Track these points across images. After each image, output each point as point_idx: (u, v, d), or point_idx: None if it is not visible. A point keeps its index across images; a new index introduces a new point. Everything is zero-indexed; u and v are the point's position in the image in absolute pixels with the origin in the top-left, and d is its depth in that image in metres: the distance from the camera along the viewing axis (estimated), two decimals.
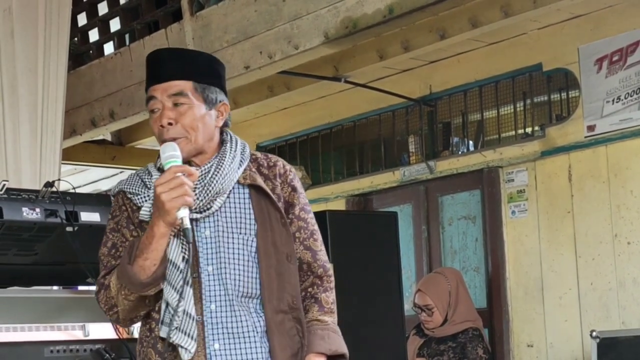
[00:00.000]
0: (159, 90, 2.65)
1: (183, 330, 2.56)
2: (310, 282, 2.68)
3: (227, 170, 2.63)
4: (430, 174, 6.55)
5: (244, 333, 2.62)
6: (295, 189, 2.71)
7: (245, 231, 2.64)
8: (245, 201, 2.66)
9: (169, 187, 2.49)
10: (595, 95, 5.66)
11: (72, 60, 6.96)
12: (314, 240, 2.72)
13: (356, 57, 6.34)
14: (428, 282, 5.79)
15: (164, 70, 2.68)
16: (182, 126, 2.62)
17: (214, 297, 2.61)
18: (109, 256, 2.69)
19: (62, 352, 3.56)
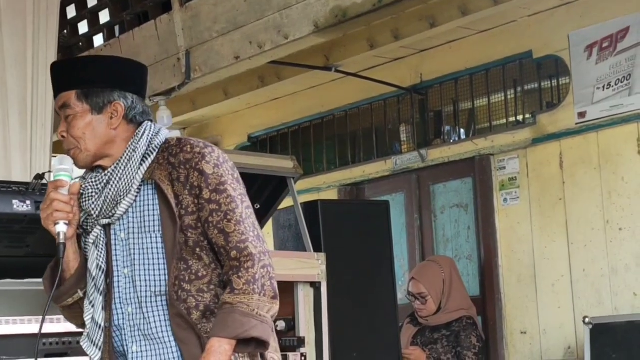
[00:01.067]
0: (57, 103, 2.66)
1: (91, 339, 2.61)
2: (228, 267, 2.54)
3: (122, 173, 2.59)
4: (422, 163, 6.55)
5: (157, 334, 2.58)
6: (202, 172, 2.56)
7: (152, 229, 2.59)
8: (150, 198, 2.61)
9: (44, 204, 2.57)
10: (585, 82, 5.67)
11: (61, 53, 6.93)
12: (227, 222, 2.54)
13: (346, 47, 6.34)
14: (422, 270, 5.79)
15: (55, 85, 2.69)
16: (71, 137, 2.62)
17: (131, 299, 2.60)
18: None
19: (55, 344, 3.56)
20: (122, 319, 2.60)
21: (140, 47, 6.38)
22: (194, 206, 2.55)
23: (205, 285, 2.55)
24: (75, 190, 2.59)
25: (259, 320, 2.48)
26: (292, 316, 4.68)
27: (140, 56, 6.30)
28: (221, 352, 2.45)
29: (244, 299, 2.47)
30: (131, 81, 2.69)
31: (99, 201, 2.59)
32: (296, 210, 5.03)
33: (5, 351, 3.41)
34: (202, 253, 2.56)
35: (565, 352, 5.71)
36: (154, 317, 2.57)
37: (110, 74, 2.66)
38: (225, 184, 2.56)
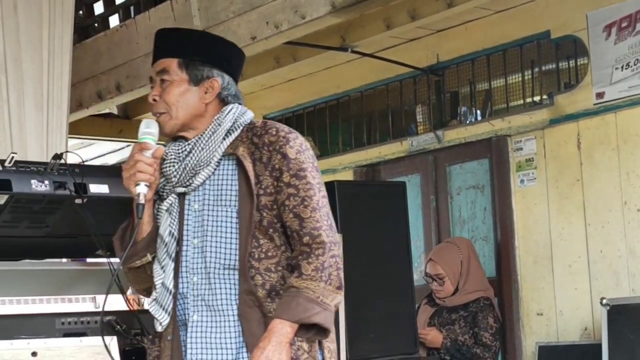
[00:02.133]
0: (153, 69, 2.74)
1: (159, 303, 2.66)
2: (298, 251, 2.59)
3: (205, 144, 2.66)
4: (438, 144, 6.54)
5: (221, 306, 2.62)
6: (285, 155, 2.61)
7: (227, 202, 2.64)
8: (230, 172, 2.67)
9: (127, 164, 2.62)
10: (604, 62, 5.63)
11: (77, 34, 6.93)
12: (303, 208, 2.59)
13: (363, 27, 6.31)
14: (440, 251, 5.79)
15: (156, 50, 2.77)
16: (164, 102, 2.69)
17: (197, 269, 2.65)
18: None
19: (73, 324, 3.56)
20: (186, 288, 2.65)
21: (156, 27, 6.28)
22: (273, 188, 2.61)
23: (273, 265, 2.60)
24: (159, 154, 2.67)
25: (322, 308, 2.53)
26: None
27: None
28: (283, 333, 2.50)
29: (311, 284, 2.53)
30: (230, 63, 2.76)
31: (179, 168, 2.66)
32: None
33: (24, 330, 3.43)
34: (274, 234, 2.61)
35: (582, 333, 5.70)
36: (220, 289, 2.62)
37: (213, 51, 2.74)
38: (305, 171, 2.63)
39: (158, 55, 2.74)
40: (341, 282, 2.60)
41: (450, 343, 5.50)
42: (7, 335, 3.37)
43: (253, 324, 2.58)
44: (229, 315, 2.61)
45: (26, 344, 3.34)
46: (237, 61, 2.82)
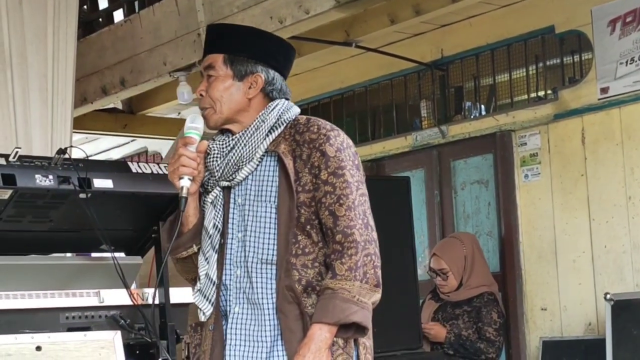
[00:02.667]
0: (204, 61, 2.78)
1: (203, 293, 2.70)
2: (331, 250, 2.61)
3: (248, 140, 2.68)
4: (443, 139, 6.53)
5: (259, 300, 2.67)
6: (324, 153, 2.63)
7: (268, 198, 2.68)
8: (272, 169, 2.70)
9: (172, 158, 2.66)
10: (608, 57, 5.62)
11: (82, 29, 6.93)
12: (339, 206, 2.61)
13: (367, 22, 6.31)
14: (444, 246, 5.79)
15: (205, 46, 2.82)
16: (209, 97, 2.73)
17: (241, 262, 2.70)
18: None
19: (77, 319, 3.57)
20: (230, 280, 2.71)
21: (160, 22, 6.37)
22: (311, 185, 2.64)
23: (310, 261, 2.63)
24: (202, 148, 2.70)
25: (359, 307, 2.57)
26: None
27: (160, 31, 6.30)
28: (322, 339, 2.54)
29: (346, 284, 2.55)
30: (275, 58, 2.79)
31: (222, 163, 2.71)
32: None
33: (28, 325, 3.43)
34: (311, 231, 2.64)
35: (586, 328, 5.70)
36: (258, 283, 2.67)
37: (258, 46, 2.77)
38: (344, 169, 2.64)
39: (206, 51, 2.79)
40: (379, 280, 2.64)
41: (454, 338, 5.51)
42: (11, 330, 3.37)
43: (291, 319, 2.61)
44: (266, 309, 2.66)
45: (30, 339, 3.35)
46: (285, 56, 2.84)
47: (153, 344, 3.66)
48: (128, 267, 3.75)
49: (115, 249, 3.72)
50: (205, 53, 2.79)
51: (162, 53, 6.35)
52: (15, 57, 5.82)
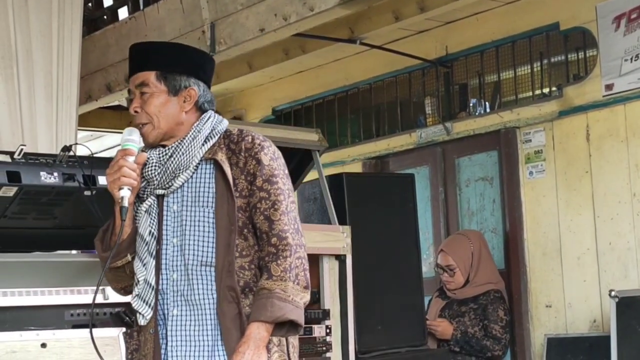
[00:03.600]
0: (130, 81, 2.87)
1: (142, 298, 2.78)
2: (266, 252, 2.75)
3: (186, 149, 2.80)
4: (447, 136, 6.53)
5: (199, 301, 2.76)
6: (259, 161, 2.78)
7: (205, 203, 2.78)
8: (208, 176, 2.81)
9: (111, 169, 2.74)
10: (613, 54, 5.61)
11: (86, 26, 6.93)
12: (274, 211, 2.76)
13: (372, 19, 6.30)
14: (451, 242, 5.80)
15: (133, 64, 2.90)
16: (146, 113, 2.82)
17: (177, 266, 2.78)
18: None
19: (82, 316, 3.58)
20: (166, 284, 2.79)
21: (164, 19, 6.36)
22: (247, 191, 2.78)
23: (247, 263, 2.77)
24: (141, 160, 2.79)
25: (294, 306, 2.70)
26: (317, 289, 4.69)
27: (164, 29, 6.30)
28: (260, 337, 2.66)
29: (281, 285, 2.69)
30: (203, 71, 2.92)
31: (160, 172, 2.81)
32: (321, 183, 5.02)
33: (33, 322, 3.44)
34: (248, 234, 2.78)
35: (591, 325, 5.69)
36: (198, 285, 2.77)
37: (188, 61, 2.89)
38: (277, 177, 2.80)
39: (135, 69, 2.87)
40: (307, 282, 2.77)
41: (460, 335, 5.51)
42: (16, 327, 3.38)
43: (229, 318, 2.73)
44: (206, 310, 2.76)
45: (35, 335, 3.36)
46: (210, 68, 2.98)
47: None
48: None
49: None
50: (134, 70, 2.86)
51: None
52: (20, 52, 5.82)
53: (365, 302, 5.01)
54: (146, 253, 2.78)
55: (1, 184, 3.39)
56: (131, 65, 2.89)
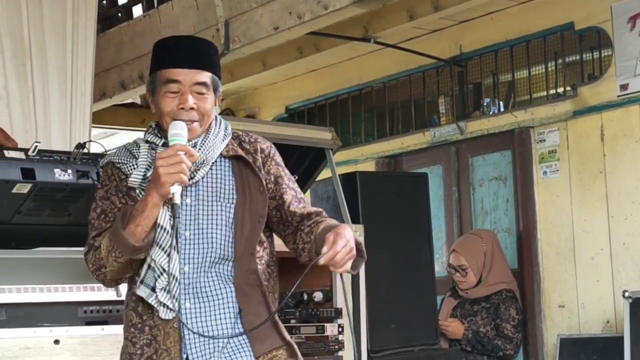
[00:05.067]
0: (183, 74, 2.80)
1: (169, 291, 2.72)
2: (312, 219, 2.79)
3: (212, 143, 2.81)
4: (461, 135, 6.52)
5: (214, 293, 2.77)
6: (278, 164, 2.88)
7: (225, 199, 2.80)
8: (226, 172, 2.83)
9: (168, 162, 2.66)
10: (628, 54, 5.60)
11: (100, 24, 6.94)
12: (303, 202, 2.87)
13: (386, 18, 6.30)
14: (463, 242, 5.79)
15: (190, 58, 2.84)
16: (200, 112, 2.80)
17: (189, 259, 2.76)
18: (99, 220, 2.82)
19: (95, 312, 3.59)
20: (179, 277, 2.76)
21: (179, 17, 6.38)
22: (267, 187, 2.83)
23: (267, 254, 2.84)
24: (194, 160, 2.74)
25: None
26: (330, 287, 4.69)
27: (179, 27, 6.31)
28: (347, 227, 2.67)
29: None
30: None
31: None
32: (334, 181, 5.02)
33: (47, 318, 3.45)
34: (265, 228, 2.83)
35: (604, 326, 5.68)
36: (214, 277, 2.77)
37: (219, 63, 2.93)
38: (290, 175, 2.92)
39: (192, 65, 2.81)
40: None
41: (472, 335, 5.50)
42: (30, 323, 3.39)
43: (253, 303, 2.76)
44: (222, 299, 2.76)
45: (49, 332, 3.37)
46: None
47: None
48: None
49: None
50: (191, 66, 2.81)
51: None
52: (35, 49, 5.83)
53: (377, 301, 5.01)
54: (168, 245, 2.73)
55: (16, 181, 3.40)
56: (185, 58, 2.83)
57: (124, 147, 2.89)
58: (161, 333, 2.75)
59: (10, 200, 3.46)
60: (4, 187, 3.39)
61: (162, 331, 2.75)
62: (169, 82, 2.79)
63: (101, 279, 2.80)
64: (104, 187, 2.85)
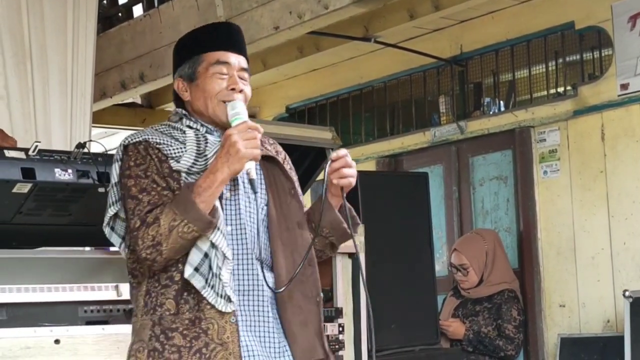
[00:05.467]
0: (233, 58, 2.78)
1: (229, 285, 2.62)
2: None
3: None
4: (461, 135, 6.52)
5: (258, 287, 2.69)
6: (292, 167, 2.88)
7: (258, 198, 2.74)
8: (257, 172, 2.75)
9: (245, 137, 2.59)
10: (628, 53, 5.60)
11: (101, 23, 6.95)
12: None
13: (386, 17, 6.30)
14: (465, 242, 5.79)
15: (238, 44, 2.83)
16: (245, 97, 2.77)
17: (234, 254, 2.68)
18: (147, 195, 2.65)
19: (95, 312, 3.58)
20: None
21: (179, 17, 6.38)
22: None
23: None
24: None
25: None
26: (330, 287, 4.68)
27: (179, 26, 6.31)
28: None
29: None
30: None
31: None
32: None
33: (47, 318, 3.45)
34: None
35: (605, 325, 5.68)
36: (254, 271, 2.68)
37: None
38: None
39: (239, 51, 2.81)
40: None
41: (473, 335, 5.50)
42: (30, 323, 3.39)
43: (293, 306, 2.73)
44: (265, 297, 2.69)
45: (49, 332, 3.37)
46: None
47: None
48: None
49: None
50: (239, 51, 2.80)
51: None
52: (35, 49, 5.84)
53: (378, 300, 4.99)
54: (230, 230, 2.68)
55: (16, 181, 3.40)
56: (235, 43, 2.81)
57: (156, 129, 2.78)
58: (214, 327, 2.61)
59: (10, 200, 3.45)
60: (4, 186, 3.39)
61: (216, 324, 2.61)
62: (219, 64, 2.75)
63: (153, 257, 2.59)
64: (139, 165, 2.69)
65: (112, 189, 2.75)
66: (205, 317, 2.61)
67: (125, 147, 2.74)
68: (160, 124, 2.84)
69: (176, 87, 2.83)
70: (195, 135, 2.74)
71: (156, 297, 2.66)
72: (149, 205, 2.62)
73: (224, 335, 2.61)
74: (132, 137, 2.76)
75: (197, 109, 2.78)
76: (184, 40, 2.87)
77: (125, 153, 2.73)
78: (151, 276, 2.68)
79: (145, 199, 2.64)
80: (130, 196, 2.66)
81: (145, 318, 2.67)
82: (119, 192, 2.74)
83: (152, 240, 2.57)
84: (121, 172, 2.72)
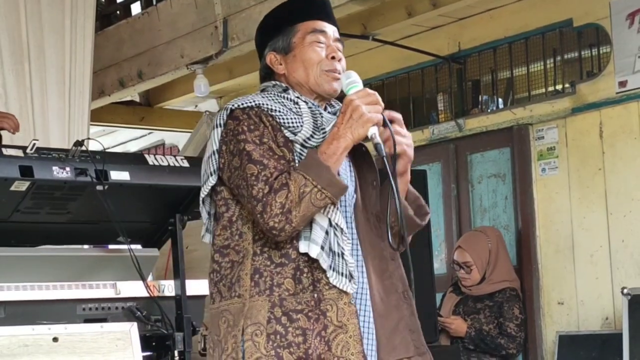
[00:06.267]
0: (329, 28, 2.71)
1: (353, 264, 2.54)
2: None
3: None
4: (460, 132, 6.52)
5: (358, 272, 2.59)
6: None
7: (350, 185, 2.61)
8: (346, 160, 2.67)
9: (367, 101, 2.54)
10: (627, 51, 5.59)
11: (99, 21, 6.95)
12: None
13: (384, 15, 6.29)
14: (469, 239, 5.78)
15: (331, 14, 2.77)
16: (342, 68, 2.69)
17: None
18: (269, 159, 2.49)
19: (94, 310, 3.59)
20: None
21: (177, 15, 6.37)
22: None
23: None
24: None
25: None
26: None
27: (177, 24, 6.31)
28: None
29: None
30: None
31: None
32: None
33: (45, 316, 3.45)
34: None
35: (603, 323, 5.68)
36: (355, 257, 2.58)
37: None
38: None
39: (334, 21, 2.74)
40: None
41: (475, 333, 5.50)
42: (28, 321, 3.39)
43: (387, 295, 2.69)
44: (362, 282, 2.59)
45: (47, 330, 3.37)
46: None
47: (169, 336, 3.68)
48: (144, 259, 3.77)
49: (132, 241, 3.74)
50: (333, 22, 2.73)
51: (179, 46, 6.36)
52: (33, 49, 5.84)
53: None
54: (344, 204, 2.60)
55: (14, 179, 3.40)
56: (329, 14, 2.75)
57: (263, 96, 2.62)
58: (333, 308, 2.49)
59: (8, 198, 3.46)
60: (2, 184, 3.39)
61: (334, 306, 2.49)
62: (315, 32, 2.66)
63: (282, 226, 2.42)
64: (253, 131, 2.52)
65: (211, 157, 2.57)
66: (325, 297, 2.49)
67: (231, 111, 2.58)
68: (263, 92, 2.68)
69: (268, 62, 2.70)
70: (310, 109, 2.61)
71: (270, 276, 2.49)
72: (276, 171, 2.46)
73: (343, 317, 2.48)
74: (239, 101, 2.60)
75: (295, 80, 2.67)
76: (273, 14, 2.78)
77: (233, 118, 2.56)
78: (256, 253, 2.52)
79: (270, 163, 2.48)
80: (252, 161, 2.47)
81: (259, 299, 2.47)
82: (217, 161, 2.56)
83: (282, 208, 2.42)
84: (228, 139, 2.54)
